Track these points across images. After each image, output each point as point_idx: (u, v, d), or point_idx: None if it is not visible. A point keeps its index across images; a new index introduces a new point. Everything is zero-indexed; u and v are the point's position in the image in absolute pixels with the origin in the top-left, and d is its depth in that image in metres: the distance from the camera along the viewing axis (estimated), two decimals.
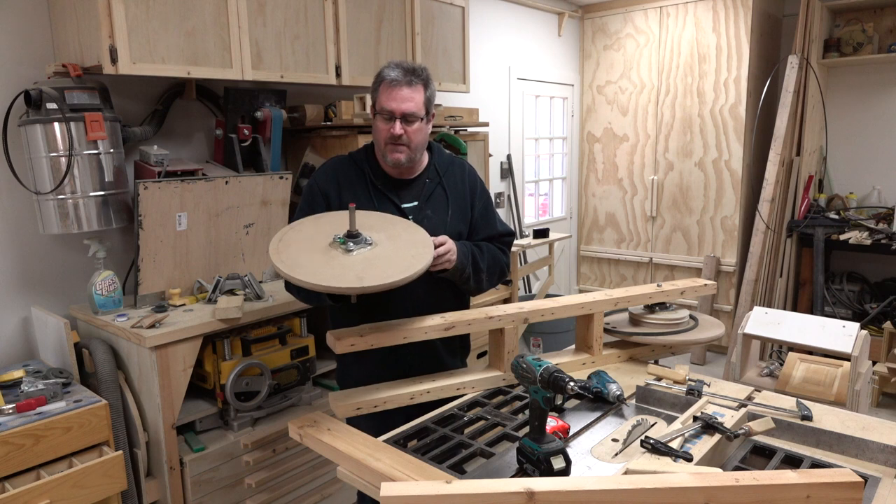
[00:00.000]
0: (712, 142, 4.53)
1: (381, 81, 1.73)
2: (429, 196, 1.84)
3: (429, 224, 1.78)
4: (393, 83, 1.70)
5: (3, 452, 1.73)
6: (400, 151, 1.74)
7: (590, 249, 5.33)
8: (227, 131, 2.56)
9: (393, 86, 1.70)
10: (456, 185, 1.88)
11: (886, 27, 4.24)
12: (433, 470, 1.31)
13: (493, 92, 4.28)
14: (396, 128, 1.70)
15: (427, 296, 1.79)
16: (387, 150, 1.75)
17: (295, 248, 1.62)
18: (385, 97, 1.71)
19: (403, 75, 1.71)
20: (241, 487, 2.24)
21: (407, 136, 1.72)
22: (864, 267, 4.38)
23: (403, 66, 1.73)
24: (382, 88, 1.72)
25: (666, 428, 1.43)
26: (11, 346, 2.25)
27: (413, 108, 1.71)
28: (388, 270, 1.53)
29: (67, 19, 2.14)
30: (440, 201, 1.85)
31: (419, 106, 1.72)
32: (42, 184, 2.09)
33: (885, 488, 1.25)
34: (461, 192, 1.88)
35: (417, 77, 1.73)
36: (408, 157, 1.76)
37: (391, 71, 1.72)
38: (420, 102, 1.73)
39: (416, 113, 1.72)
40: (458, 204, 1.87)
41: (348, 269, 1.53)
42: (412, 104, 1.71)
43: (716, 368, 4.46)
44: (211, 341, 2.20)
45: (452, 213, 1.84)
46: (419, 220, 1.78)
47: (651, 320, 2.03)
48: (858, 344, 2.19)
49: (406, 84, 1.70)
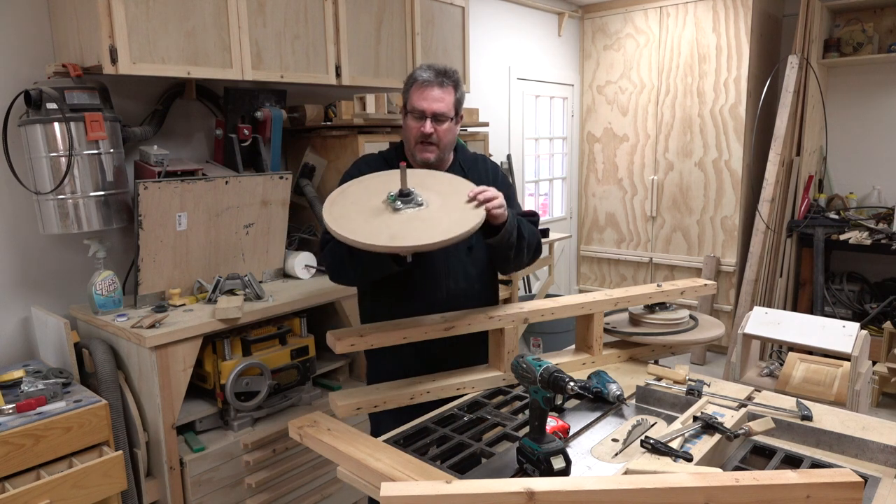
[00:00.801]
0: (712, 142, 4.53)
1: (414, 82, 1.78)
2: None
3: None
4: (425, 84, 1.75)
5: (3, 452, 1.73)
6: (430, 151, 1.79)
7: (590, 249, 5.33)
8: (227, 131, 2.56)
9: (425, 86, 1.75)
10: (480, 179, 1.89)
11: (886, 27, 4.24)
12: (433, 470, 1.31)
13: (493, 92, 4.28)
14: (427, 126, 1.75)
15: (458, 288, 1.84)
16: (416, 150, 1.80)
17: (351, 202, 1.63)
18: (417, 97, 1.76)
19: (435, 76, 1.76)
20: (241, 487, 2.24)
21: (437, 135, 1.77)
22: (864, 267, 4.38)
23: (435, 68, 1.78)
24: (414, 89, 1.77)
25: (666, 428, 1.43)
26: (11, 346, 2.25)
27: (444, 108, 1.76)
28: (427, 233, 1.52)
29: (67, 19, 2.14)
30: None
31: (449, 106, 1.78)
32: (42, 184, 2.09)
33: (885, 488, 1.25)
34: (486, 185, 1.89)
35: (448, 79, 1.78)
36: (437, 156, 1.81)
37: (423, 72, 1.77)
38: (450, 103, 1.78)
39: (446, 113, 1.77)
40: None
41: (386, 228, 1.53)
42: (443, 104, 1.76)
43: (716, 368, 4.46)
44: (211, 341, 2.20)
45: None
46: None
47: (651, 320, 2.03)
48: (858, 344, 2.19)
49: (437, 85, 1.75)
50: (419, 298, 1.81)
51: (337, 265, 1.75)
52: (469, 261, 1.86)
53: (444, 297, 1.82)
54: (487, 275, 1.94)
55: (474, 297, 1.87)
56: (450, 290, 1.83)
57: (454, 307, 1.80)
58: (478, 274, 1.89)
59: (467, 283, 1.86)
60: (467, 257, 1.86)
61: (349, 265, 1.71)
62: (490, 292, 1.96)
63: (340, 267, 1.75)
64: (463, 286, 1.85)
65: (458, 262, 1.84)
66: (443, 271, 1.82)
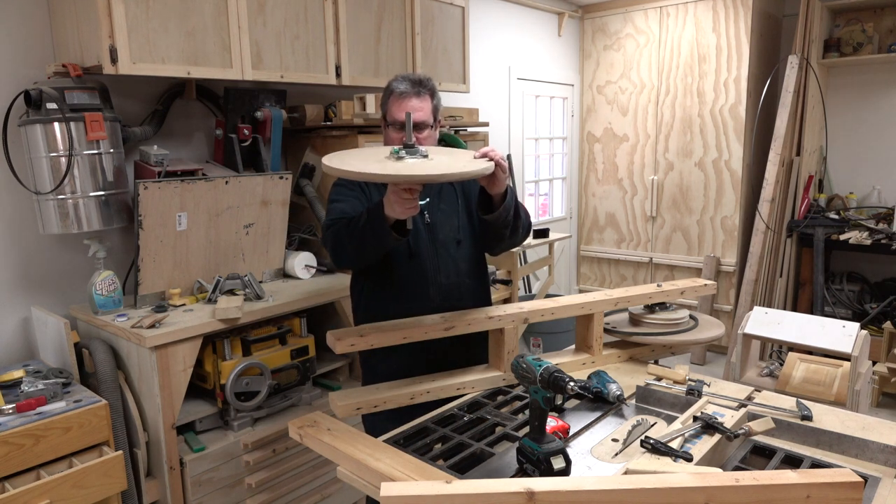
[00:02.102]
0: (712, 142, 4.53)
1: (391, 94, 1.81)
2: (439, 191, 1.89)
3: (443, 215, 1.87)
4: (403, 95, 1.78)
5: (3, 452, 1.73)
6: None
7: (590, 249, 5.33)
8: (227, 131, 2.56)
9: (403, 98, 1.78)
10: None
11: (886, 27, 4.24)
12: (433, 470, 1.31)
13: (493, 92, 4.28)
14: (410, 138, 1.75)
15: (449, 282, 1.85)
16: None
17: (351, 156, 1.63)
18: (395, 109, 1.78)
19: (412, 87, 1.79)
20: (241, 487, 2.24)
21: (417, 142, 1.75)
22: (864, 267, 4.38)
23: (410, 79, 1.81)
24: (392, 100, 1.80)
25: (666, 428, 1.43)
26: (11, 346, 2.25)
27: (423, 116, 1.79)
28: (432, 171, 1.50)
29: (67, 19, 2.14)
30: (450, 195, 1.91)
31: (428, 114, 1.80)
32: (42, 184, 2.09)
33: (885, 488, 1.25)
34: (468, 184, 1.93)
35: (424, 87, 1.81)
36: None
37: (399, 84, 1.80)
38: (429, 111, 1.81)
39: (425, 121, 1.80)
40: (468, 194, 1.92)
41: (385, 167, 1.51)
42: (422, 113, 1.78)
43: (716, 368, 4.46)
44: (211, 341, 2.20)
45: (462, 205, 1.91)
46: (433, 214, 1.86)
47: (651, 320, 2.03)
48: (858, 344, 2.19)
49: (415, 95, 1.78)
50: (412, 295, 1.82)
51: (337, 245, 1.73)
52: (459, 255, 1.88)
53: (437, 292, 1.84)
54: (478, 269, 1.96)
55: (466, 291, 1.89)
56: (441, 285, 1.84)
57: (447, 301, 1.83)
58: (468, 269, 1.91)
59: (458, 278, 1.88)
60: (457, 252, 1.88)
61: (347, 241, 1.68)
62: (481, 287, 1.98)
63: (339, 246, 1.72)
64: (454, 280, 1.87)
65: (449, 256, 1.86)
66: (433, 266, 1.84)
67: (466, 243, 1.90)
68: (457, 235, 1.88)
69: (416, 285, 1.83)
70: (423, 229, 1.84)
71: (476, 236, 1.92)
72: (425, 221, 1.84)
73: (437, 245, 1.84)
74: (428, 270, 1.84)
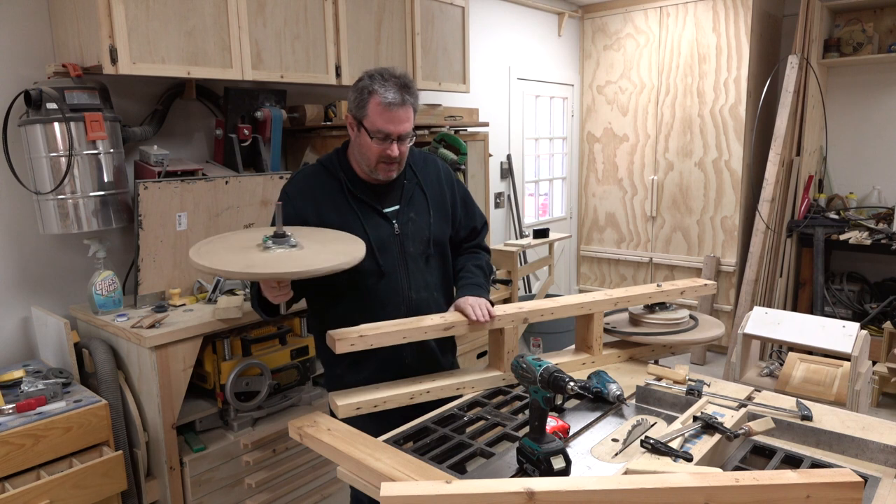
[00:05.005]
0: (712, 142, 4.53)
1: (372, 97, 1.63)
2: (409, 198, 1.80)
3: (413, 227, 1.77)
4: (392, 106, 1.62)
5: (3, 452, 1.73)
6: (393, 170, 1.72)
7: (590, 249, 5.33)
8: (227, 131, 2.56)
9: (392, 109, 1.62)
10: (433, 184, 1.85)
11: (886, 27, 4.24)
12: (433, 470, 1.31)
13: (492, 92, 4.28)
14: (395, 150, 1.66)
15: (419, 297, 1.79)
16: (378, 169, 1.70)
17: (221, 245, 1.58)
18: (382, 120, 1.62)
19: (400, 96, 1.63)
20: (241, 487, 2.24)
21: (401, 153, 1.69)
22: (864, 267, 4.38)
23: (396, 84, 1.64)
24: (378, 109, 1.62)
25: (666, 428, 1.43)
26: (11, 346, 2.25)
27: (409, 126, 1.67)
28: (286, 267, 1.46)
29: (67, 19, 2.14)
30: (420, 203, 1.81)
31: (412, 122, 1.69)
32: (42, 184, 2.09)
33: (885, 488, 1.25)
34: (439, 192, 1.86)
35: (410, 94, 1.66)
36: (399, 171, 1.75)
37: (387, 92, 1.62)
38: (412, 118, 1.69)
39: (411, 131, 1.70)
40: (438, 203, 1.85)
41: (250, 260, 1.48)
42: (408, 124, 1.67)
43: (716, 368, 4.46)
44: (211, 341, 2.20)
45: (434, 214, 1.82)
46: (403, 224, 1.76)
47: (651, 320, 2.03)
48: (858, 344, 2.19)
49: (401, 104, 1.64)
50: (381, 310, 1.74)
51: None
52: (427, 270, 1.81)
53: (406, 308, 1.76)
54: (446, 284, 1.89)
55: (435, 306, 1.81)
56: (411, 300, 1.77)
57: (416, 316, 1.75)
58: (436, 283, 1.84)
59: (427, 293, 1.80)
60: (426, 266, 1.81)
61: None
62: (448, 304, 1.86)
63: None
64: (424, 296, 1.79)
65: (419, 271, 1.79)
66: (405, 281, 1.76)
67: (435, 258, 1.82)
68: (427, 250, 1.79)
69: (387, 301, 1.74)
70: (394, 242, 1.74)
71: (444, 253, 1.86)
72: (395, 232, 1.74)
73: (407, 259, 1.75)
74: (400, 287, 1.75)
